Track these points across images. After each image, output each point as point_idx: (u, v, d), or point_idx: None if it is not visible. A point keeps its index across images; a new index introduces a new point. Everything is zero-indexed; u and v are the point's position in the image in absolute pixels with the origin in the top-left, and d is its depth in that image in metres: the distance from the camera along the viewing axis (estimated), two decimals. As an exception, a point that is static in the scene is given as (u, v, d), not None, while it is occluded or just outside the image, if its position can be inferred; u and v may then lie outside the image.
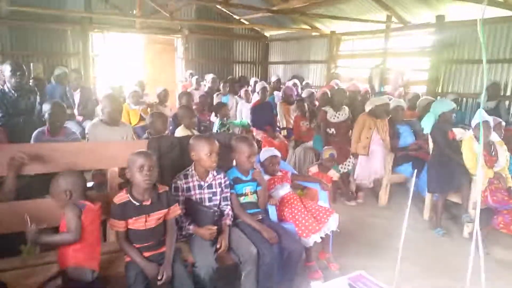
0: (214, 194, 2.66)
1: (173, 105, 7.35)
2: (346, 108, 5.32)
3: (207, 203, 2.62)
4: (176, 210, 2.38)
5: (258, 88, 6.75)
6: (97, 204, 2.21)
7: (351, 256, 3.43)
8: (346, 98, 5.52)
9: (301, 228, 2.88)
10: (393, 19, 7.95)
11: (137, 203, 2.23)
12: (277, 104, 6.61)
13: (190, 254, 2.44)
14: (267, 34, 12.42)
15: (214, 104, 6.44)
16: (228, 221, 2.64)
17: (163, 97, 6.26)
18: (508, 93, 6.46)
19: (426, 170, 4.29)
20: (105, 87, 7.76)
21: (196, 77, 8.39)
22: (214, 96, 7.43)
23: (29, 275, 2.14)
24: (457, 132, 4.27)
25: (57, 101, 3.64)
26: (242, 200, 2.81)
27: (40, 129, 3.42)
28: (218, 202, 2.68)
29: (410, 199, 2.03)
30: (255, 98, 6.98)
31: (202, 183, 2.62)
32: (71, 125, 4.87)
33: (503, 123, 4.31)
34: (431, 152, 4.36)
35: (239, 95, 7.67)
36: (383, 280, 1.93)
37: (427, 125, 4.34)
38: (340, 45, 10.06)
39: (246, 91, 7.26)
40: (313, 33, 10.44)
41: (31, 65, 8.22)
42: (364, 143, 4.76)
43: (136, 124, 5.71)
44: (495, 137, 3.99)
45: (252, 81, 9.24)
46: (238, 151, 2.82)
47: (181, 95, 5.90)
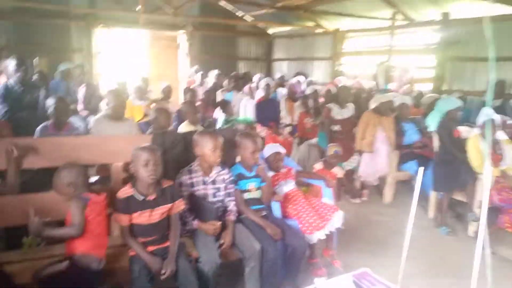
0: (218, 189, 2.65)
1: (177, 101, 7.34)
2: (351, 105, 5.29)
3: (211, 199, 2.62)
4: (180, 205, 2.38)
5: (262, 84, 6.72)
6: (102, 195, 2.20)
7: (355, 253, 3.42)
8: (351, 95, 5.49)
9: (305, 225, 2.87)
10: (398, 16, 7.89)
11: (141, 198, 2.23)
12: (281, 100, 6.59)
13: (194, 249, 2.44)
14: (271, 31, 12.37)
15: (219, 101, 6.42)
16: (232, 217, 2.64)
17: (167, 93, 6.25)
18: (514, 92, 6.41)
19: (431, 168, 4.27)
20: (110, 83, 7.75)
21: (200, 73, 8.37)
22: (218, 92, 7.41)
23: (34, 267, 2.14)
24: (463, 130, 4.24)
25: (61, 96, 3.65)
26: (246, 196, 2.81)
27: (44, 123, 3.42)
28: (222, 198, 2.67)
29: (416, 197, 2.01)
30: (259, 94, 6.95)
31: (206, 178, 2.61)
32: (75, 120, 4.87)
33: (509, 121, 4.28)
34: (436, 150, 4.33)
35: (243, 92, 7.64)
36: (388, 278, 1.91)
37: (432, 122, 4.31)
38: (345, 42, 10.01)
39: (250, 87, 7.24)
40: (317, 30, 10.39)
41: (35, 60, 8.22)
42: (369, 140, 4.73)
43: (140, 120, 5.70)
44: (501, 135, 3.96)
45: (256, 78, 9.21)
46: (242, 147, 2.81)
47: (185, 91, 5.90)
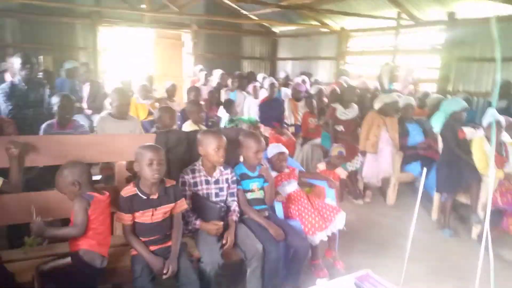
0: (221, 189, 2.65)
1: (181, 100, 7.35)
2: (355, 106, 5.28)
3: (213, 199, 2.62)
4: (183, 205, 2.38)
5: (266, 84, 6.71)
6: (106, 194, 2.21)
7: (357, 255, 3.42)
8: (356, 95, 5.47)
9: (308, 225, 2.86)
10: (404, 16, 7.86)
11: (144, 197, 2.23)
12: (285, 100, 6.58)
13: (196, 249, 2.44)
14: (275, 30, 12.35)
15: (223, 101, 6.42)
16: (235, 217, 2.63)
17: (171, 91, 6.26)
18: (520, 93, 6.35)
19: (435, 170, 4.25)
20: (115, 81, 7.78)
21: (204, 72, 8.38)
22: (222, 91, 7.41)
23: (35, 266, 2.15)
24: (467, 131, 4.22)
25: (66, 94, 3.66)
26: (249, 196, 2.80)
27: (49, 121, 3.44)
28: (224, 198, 2.67)
29: (419, 199, 2.00)
30: (263, 94, 6.94)
31: (209, 178, 2.61)
32: (79, 118, 4.89)
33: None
34: (440, 151, 4.30)
35: (247, 91, 7.64)
36: (390, 280, 1.91)
37: (437, 123, 4.29)
38: (349, 42, 9.98)
39: (254, 87, 7.22)
40: (322, 30, 10.36)
41: (41, 58, 8.26)
42: (373, 141, 4.71)
43: (145, 119, 5.72)
44: (506, 137, 3.93)
45: (260, 77, 9.21)
46: (245, 146, 2.80)
47: (189, 90, 5.89)
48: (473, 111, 6.70)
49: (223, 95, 7.20)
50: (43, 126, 3.39)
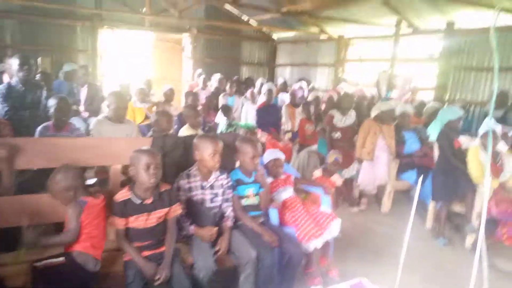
0: (216, 195, 2.64)
1: (179, 104, 7.35)
2: (353, 113, 5.29)
3: (208, 204, 2.61)
4: (177, 210, 2.37)
5: (264, 90, 6.73)
6: (100, 198, 2.20)
7: (352, 262, 3.41)
8: (354, 102, 5.48)
9: (302, 232, 2.85)
10: (403, 24, 7.90)
11: (138, 201, 2.23)
12: (283, 106, 6.59)
13: (189, 255, 2.43)
14: (275, 36, 12.39)
15: (221, 106, 6.43)
16: (229, 223, 2.63)
17: (169, 96, 6.26)
18: (516, 103, 6.39)
19: (430, 178, 4.25)
20: (113, 84, 7.78)
21: (203, 76, 8.39)
22: (220, 96, 7.42)
23: (28, 270, 2.13)
24: (463, 140, 4.23)
25: (63, 96, 3.65)
26: (244, 202, 2.80)
27: (45, 124, 3.43)
28: (219, 203, 2.66)
29: (414, 207, 2.00)
30: (261, 99, 6.96)
31: (205, 183, 2.61)
32: (76, 121, 4.88)
33: (510, 133, 4.26)
34: (436, 160, 4.31)
35: (245, 96, 7.65)
36: (384, 288, 1.90)
37: (433, 132, 4.30)
38: (348, 49, 10.02)
39: (252, 92, 7.25)
40: (322, 36, 10.41)
41: (39, 59, 8.26)
42: (369, 148, 4.72)
43: (141, 123, 5.72)
44: (502, 146, 3.95)
45: (258, 83, 9.23)
46: (242, 152, 2.80)
47: (187, 95, 5.90)
48: (469, 120, 6.75)
49: (221, 100, 7.21)
50: (39, 128, 3.37)
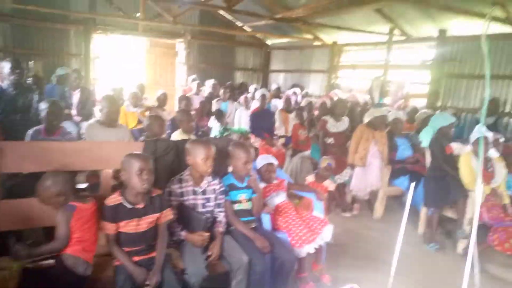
0: (208, 200, 2.63)
1: (172, 109, 7.34)
2: (346, 119, 5.32)
3: (200, 209, 2.59)
4: (169, 215, 2.35)
5: (257, 95, 6.75)
6: (90, 203, 2.18)
7: (344, 268, 3.40)
8: (347, 108, 5.51)
9: (295, 238, 2.84)
10: (396, 32, 7.98)
11: (129, 206, 2.21)
12: (276, 112, 6.61)
13: (180, 260, 2.41)
14: (269, 42, 12.46)
15: (214, 111, 6.43)
16: (221, 228, 2.61)
17: (162, 100, 6.25)
18: (507, 110, 6.48)
19: (422, 184, 4.27)
20: (106, 89, 7.74)
21: (196, 82, 8.39)
22: (214, 102, 7.42)
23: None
24: (455, 147, 4.26)
25: (55, 100, 3.61)
26: (236, 207, 2.78)
27: (36, 127, 3.40)
28: (211, 209, 2.65)
29: (406, 213, 2.01)
30: (254, 105, 6.97)
31: (197, 188, 2.59)
32: (68, 125, 4.84)
33: (501, 140, 4.30)
34: (428, 166, 4.34)
35: (239, 102, 7.67)
36: (375, 294, 1.90)
37: (425, 138, 4.33)
38: (342, 56, 10.10)
39: (246, 97, 7.26)
40: (315, 43, 10.48)
41: (31, 63, 8.21)
42: (361, 154, 4.74)
43: (134, 127, 5.69)
44: (493, 153, 3.98)
45: (252, 88, 9.25)
46: (234, 157, 2.79)
47: (180, 99, 5.89)
48: (461, 126, 6.81)
49: (215, 106, 7.21)
50: (30, 132, 3.34)
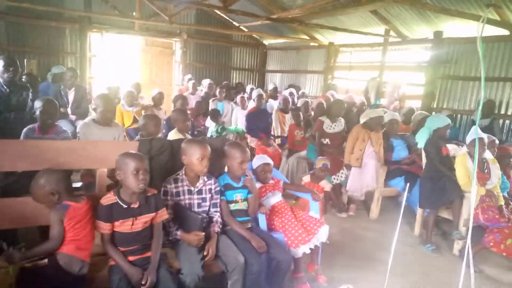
0: (204, 200, 2.61)
1: (168, 108, 7.30)
2: (342, 120, 5.32)
3: (196, 209, 2.58)
4: (164, 215, 2.33)
5: (254, 95, 6.74)
6: (83, 202, 2.15)
7: (339, 268, 3.39)
8: (344, 109, 5.50)
9: (291, 238, 2.83)
10: (392, 33, 8.01)
11: (124, 205, 2.19)
12: (273, 112, 6.61)
13: (176, 260, 2.39)
14: (265, 42, 12.46)
15: (210, 110, 6.41)
16: (217, 228, 2.59)
17: (158, 100, 6.22)
18: (502, 111, 6.51)
19: (418, 185, 4.28)
20: (101, 87, 7.71)
21: (193, 81, 8.37)
22: (210, 101, 7.40)
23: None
24: (451, 148, 4.27)
25: (49, 98, 3.58)
26: (232, 207, 2.77)
27: (30, 126, 3.36)
28: (207, 208, 2.63)
29: (401, 213, 2.01)
30: (251, 105, 6.96)
31: (192, 188, 2.58)
32: (63, 124, 4.81)
33: (497, 141, 4.32)
34: (423, 167, 4.35)
35: (235, 102, 7.65)
36: (371, 295, 1.89)
37: (421, 139, 4.33)
38: (338, 56, 10.12)
39: (242, 97, 7.25)
40: (312, 43, 10.48)
41: (25, 61, 8.15)
42: (357, 155, 4.75)
43: (130, 126, 5.67)
44: (488, 154, 4.00)
45: (248, 88, 9.24)
46: (230, 157, 2.78)
47: (176, 98, 5.86)
48: (456, 128, 6.85)
49: (211, 105, 7.19)
50: (24, 130, 3.30)
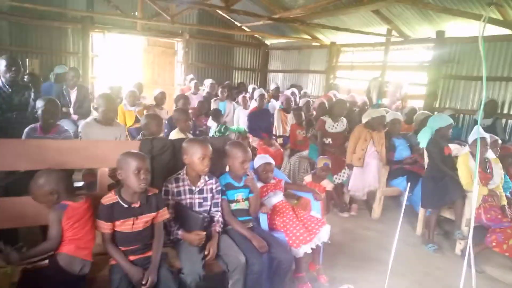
0: (205, 199, 2.61)
1: (170, 108, 7.31)
2: (344, 119, 5.31)
3: (197, 208, 2.58)
4: (165, 214, 2.33)
5: (256, 95, 6.74)
6: (81, 200, 2.15)
7: (341, 268, 3.39)
8: (346, 109, 5.49)
9: (292, 238, 2.83)
10: (394, 32, 7.99)
11: (125, 205, 2.19)
12: (275, 111, 6.61)
13: (177, 260, 2.39)
14: (267, 42, 12.46)
15: (211, 110, 6.42)
16: (218, 227, 2.59)
17: (160, 99, 6.23)
18: (505, 111, 6.48)
19: (420, 185, 4.27)
20: (104, 87, 7.72)
21: (195, 81, 8.38)
22: (212, 101, 7.41)
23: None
24: (453, 147, 4.26)
25: (51, 98, 3.59)
26: (234, 206, 2.77)
27: (32, 125, 3.38)
28: (208, 208, 2.63)
29: (402, 213, 2.00)
30: (252, 105, 6.96)
31: (193, 187, 2.58)
32: (65, 123, 4.82)
33: (499, 141, 4.31)
34: (426, 166, 4.34)
35: (237, 101, 7.65)
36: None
37: (423, 139, 4.32)
38: (340, 56, 10.10)
39: (244, 97, 7.25)
40: (314, 43, 10.47)
41: (27, 61, 8.18)
42: (359, 154, 4.73)
43: (132, 126, 5.67)
44: (490, 154, 3.98)
45: (250, 88, 9.24)
46: (231, 156, 2.77)
47: (177, 98, 5.87)
48: (459, 128, 6.82)
49: (213, 105, 7.20)
50: (26, 130, 3.32)
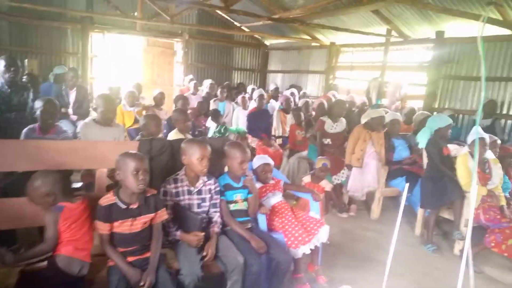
0: (203, 200, 2.61)
1: (169, 108, 7.31)
2: (343, 120, 5.31)
3: (195, 209, 2.57)
4: (163, 215, 2.33)
5: (255, 95, 6.74)
6: (78, 202, 2.15)
7: (340, 269, 3.39)
8: (345, 109, 5.48)
9: (291, 238, 2.83)
10: (393, 33, 7.99)
11: (123, 206, 2.18)
12: (274, 112, 6.61)
13: (175, 260, 2.39)
14: (267, 42, 12.46)
15: (210, 110, 6.41)
16: (216, 228, 2.59)
17: (159, 100, 6.22)
18: (504, 111, 6.48)
19: (419, 185, 4.27)
20: (103, 88, 7.72)
21: (194, 81, 8.37)
22: (211, 101, 7.41)
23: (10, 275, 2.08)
24: (452, 148, 4.26)
25: (50, 98, 3.58)
26: (232, 207, 2.76)
27: (31, 126, 3.37)
28: (207, 209, 2.63)
29: (401, 213, 2.00)
30: (252, 105, 6.96)
31: (192, 188, 2.57)
32: (64, 124, 4.82)
33: (498, 141, 4.30)
34: (425, 167, 4.33)
35: (236, 102, 7.65)
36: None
37: (422, 139, 4.32)
38: (339, 57, 10.10)
39: (243, 97, 7.25)
40: (313, 44, 10.47)
41: (26, 61, 8.17)
42: (358, 155, 4.73)
43: (131, 126, 5.67)
44: (490, 155, 3.98)
45: (249, 88, 9.23)
46: (230, 157, 2.77)
47: (177, 98, 5.87)
48: (458, 128, 6.82)
49: (212, 105, 7.20)
50: (24, 130, 3.31)
